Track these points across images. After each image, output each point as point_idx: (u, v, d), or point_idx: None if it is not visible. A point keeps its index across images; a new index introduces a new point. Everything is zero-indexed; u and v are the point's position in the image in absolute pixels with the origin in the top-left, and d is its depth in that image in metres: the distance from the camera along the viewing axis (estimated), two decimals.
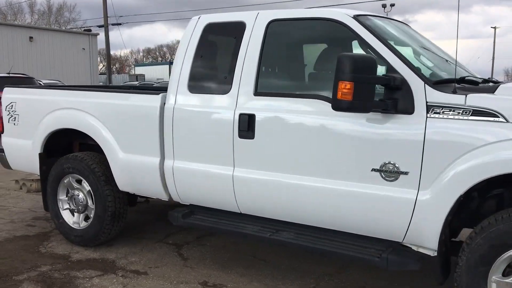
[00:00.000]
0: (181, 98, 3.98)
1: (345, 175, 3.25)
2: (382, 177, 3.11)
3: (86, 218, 4.74)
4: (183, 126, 3.94)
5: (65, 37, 32.94)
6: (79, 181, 4.72)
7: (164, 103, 4.07)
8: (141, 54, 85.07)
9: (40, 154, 4.90)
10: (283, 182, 3.49)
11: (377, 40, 3.25)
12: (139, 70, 59.88)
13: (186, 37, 4.08)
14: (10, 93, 5.18)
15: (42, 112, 4.81)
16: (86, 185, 4.63)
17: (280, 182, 3.51)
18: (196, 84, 3.98)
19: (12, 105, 5.09)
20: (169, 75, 4.27)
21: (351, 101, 2.86)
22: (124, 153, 4.31)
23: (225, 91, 3.77)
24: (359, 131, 3.18)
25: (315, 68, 3.80)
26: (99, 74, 37.43)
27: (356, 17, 3.40)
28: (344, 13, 3.45)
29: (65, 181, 4.78)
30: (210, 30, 4.01)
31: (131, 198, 4.76)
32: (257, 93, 3.63)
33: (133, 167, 4.27)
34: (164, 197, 4.25)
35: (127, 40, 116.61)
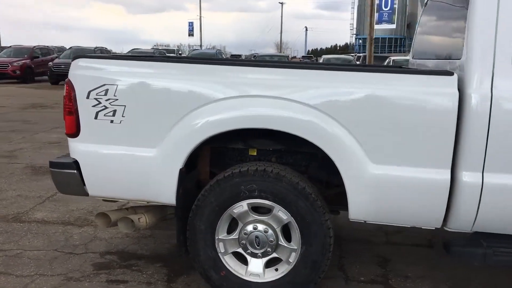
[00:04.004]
0: (505, 81, 2.69)
1: None
2: None
3: (268, 264, 3.09)
4: None
5: None
6: (256, 209, 3.02)
7: (458, 89, 2.73)
8: None
9: (181, 171, 2.99)
10: None
11: None
12: None
13: None
14: (98, 69, 3.04)
15: (193, 101, 2.91)
16: (282, 215, 2.96)
17: None
18: None
19: (106, 90, 2.99)
20: None
21: None
22: (375, 164, 2.82)
23: None
24: None
25: None
26: None
27: None
28: None
29: (234, 211, 3.00)
30: None
31: None
32: None
33: (394, 184, 2.82)
34: (434, 224, 2.93)
35: None
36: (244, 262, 3.10)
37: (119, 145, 3.04)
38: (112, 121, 3.01)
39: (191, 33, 59.47)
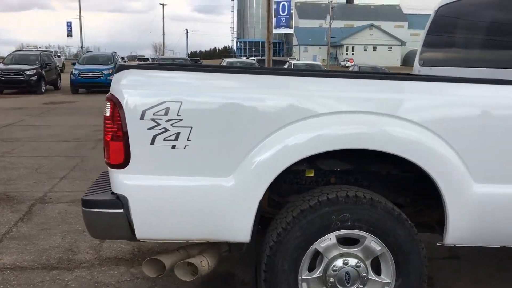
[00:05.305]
0: None
1: None
2: None
3: None
4: None
5: None
6: (342, 241, 2.65)
7: None
8: None
9: (261, 202, 2.52)
10: None
11: None
12: None
13: None
14: (156, 82, 2.46)
15: (280, 118, 2.46)
16: (375, 246, 2.62)
17: None
18: None
19: (167, 109, 2.42)
20: None
21: None
22: (479, 184, 2.60)
23: None
24: None
25: None
26: None
27: None
28: None
29: (321, 245, 2.60)
30: None
31: None
32: None
33: (498, 204, 2.62)
34: None
35: None
36: None
37: (182, 176, 2.49)
38: (174, 147, 2.45)
39: (69, 34, 55.72)
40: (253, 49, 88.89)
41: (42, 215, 4.78)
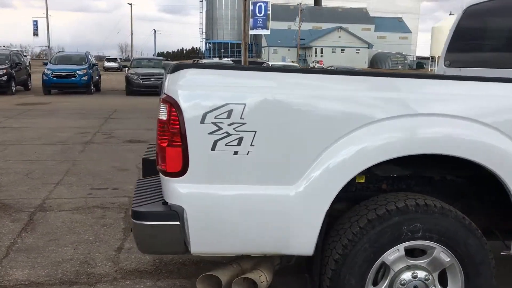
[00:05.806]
0: None
1: None
2: None
3: None
4: None
5: None
6: (407, 253, 2.49)
7: None
8: None
9: (327, 213, 2.34)
10: None
11: None
12: None
13: None
14: (217, 82, 2.24)
15: (351, 121, 2.29)
16: (444, 257, 2.47)
17: None
18: None
19: (230, 111, 2.21)
20: None
21: None
22: None
23: None
24: None
25: None
26: None
27: None
28: None
29: (389, 257, 2.43)
30: None
31: None
32: None
33: None
34: None
35: None
36: None
37: (244, 184, 2.28)
38: (236, 153, 2.24)
39: (36, 33, 54.33)
40: (222, 50, 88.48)
41: (45, 224, 4.46)
